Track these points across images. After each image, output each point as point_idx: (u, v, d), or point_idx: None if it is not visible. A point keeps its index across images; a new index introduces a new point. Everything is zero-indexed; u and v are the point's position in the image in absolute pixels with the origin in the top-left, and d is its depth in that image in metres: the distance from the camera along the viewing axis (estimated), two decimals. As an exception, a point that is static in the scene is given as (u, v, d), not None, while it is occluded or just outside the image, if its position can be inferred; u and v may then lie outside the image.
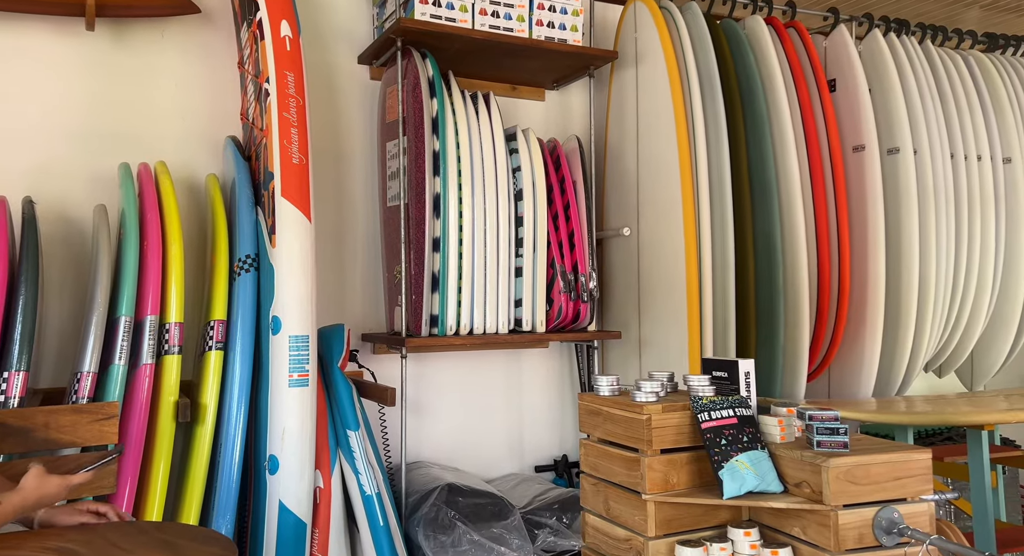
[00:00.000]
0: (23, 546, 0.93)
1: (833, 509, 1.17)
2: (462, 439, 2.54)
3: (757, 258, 2.58)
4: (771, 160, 2.56)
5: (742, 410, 1.32)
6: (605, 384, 1.42)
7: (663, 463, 1.29)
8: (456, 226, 2.23)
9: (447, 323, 2.22)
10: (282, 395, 1.80)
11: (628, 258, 2.70)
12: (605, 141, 2.78)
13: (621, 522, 1.33)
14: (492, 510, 2.11)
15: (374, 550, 1.91)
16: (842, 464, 1.18)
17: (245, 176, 1.98)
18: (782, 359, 2.56)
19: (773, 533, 1.27)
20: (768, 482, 1.25)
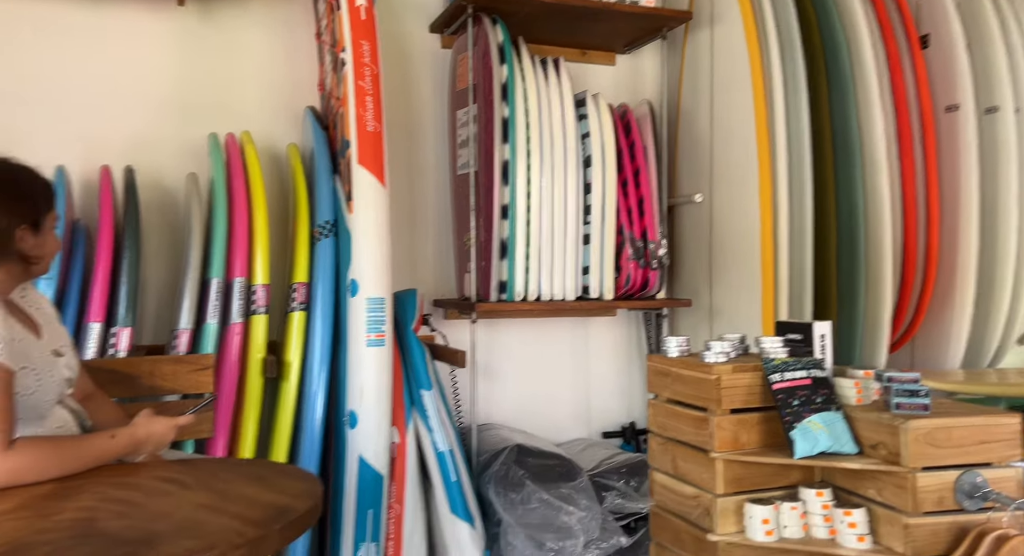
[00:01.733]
0: (137, 474, 1.03)
1: (911, 471, 1.14)
2: (530, 404, 2.59)
3: (838, 224, 2.49)
4: (855, 122, 2.44)
5: (816, 371, 1.30)
6: (674, 345, 1.43)
7: (732, 422, 1.28)
8: (524, 193, 2.25)
9: (515, 289, 2.26)
10: (360, 354, 1.89)
11: (700, 225, 2.65)
12: (678, 106, 2.72)
13: (689, 480, 1.34)
14: (560, 471, 2.15)
15: (447, 503, 1.99)
16: (922, 426, 1.15)
17: (323, 145, 2.06)
18: (862, 329, 2.47)
19: (847, 494, 1.25)
20: (842, 443, 1.23)
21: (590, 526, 2.02)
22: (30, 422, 1.09)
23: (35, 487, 0.96)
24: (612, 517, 2.09)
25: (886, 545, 1.17)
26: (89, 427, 1.22)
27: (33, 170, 1.21)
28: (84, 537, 0.79)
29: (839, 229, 2.47)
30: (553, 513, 2.03)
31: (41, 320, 1.22)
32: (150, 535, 0.79)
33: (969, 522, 1.13)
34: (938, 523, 1.13)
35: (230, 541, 0.76)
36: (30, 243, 1.15)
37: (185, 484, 0.98)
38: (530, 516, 2.01)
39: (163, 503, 0.90)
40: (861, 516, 1.19)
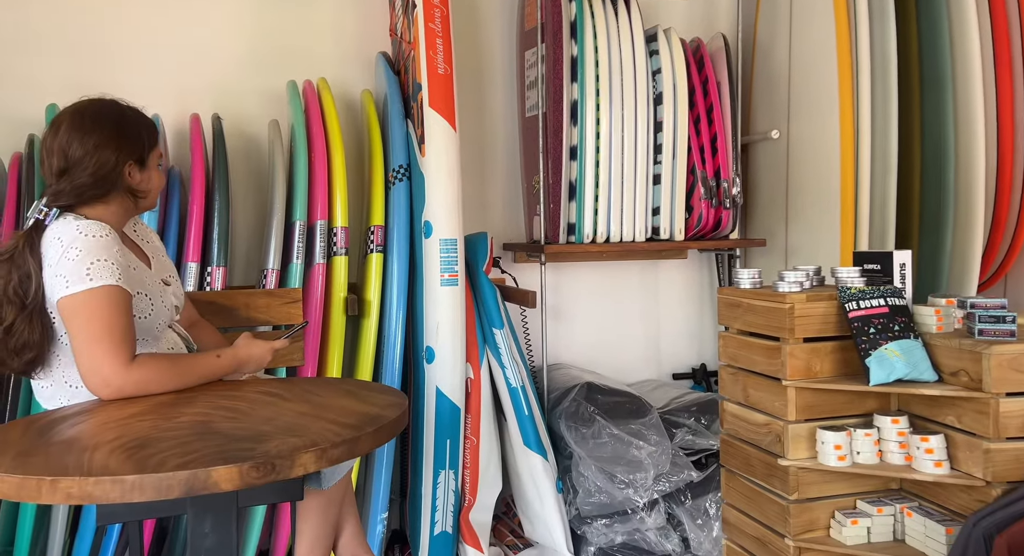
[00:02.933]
0: (241, 389, 1.14)
1: (994, 396, 1.12)
2: (600, 345, 2.63)
3: (924, 158, 2.36)
4: (946, 44, 2.28)
5: (894, 300, 1.27)
6: (746, 277, 1.42)
7: (805, 351, 1.28)
8: (593, 133, 2.24)
9: (584, 231, 2.27)
10: (435, 293, 1.96)
11: (776, 162, 2.57)
12: (754, 39, 2.61)
13: (761, 408, 1.35)
14: (630, 408, 2.19)
15: (520, 436, 2.07)
16: (1006, 351, 1.12)
17: (395, 90, 2.11)
18: (948, 267, 2.36)
19: (924, 422, 1.24)
20: (921, 371, 1.21)
21: (660, 460, 2.07)
22: (146, 343, 1.21)
23: (155, 397, 1.08)
24: (682, 452, 2.13)
25: (965, 471, 1.16)
26: (195, 350, 1.34)
27: (138, 110, 1.30)
28: (203, 435, 0.89)
29: (925, 160, 2.35)
30: (623, 447, 2.08)
31: (150, 252, 1.34)
32: (259, 434, 0.88)
33: (1056, 448, 1.10)
34: (1021, 448, 1.11)
35: (330, 440, 0.85)
36: (137, 178, 1.25)
37: (284, 397, 1.07)
38: (601, 450, 2.07)
39: (267, 411, 1.00)
40: (939, 442, 1.18)
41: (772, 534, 1.31)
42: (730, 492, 1.44)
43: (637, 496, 2.04)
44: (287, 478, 0.78)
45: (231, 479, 0.77)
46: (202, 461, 0.79)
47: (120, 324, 1.09)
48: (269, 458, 0.78)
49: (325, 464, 0.81)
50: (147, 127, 1.29)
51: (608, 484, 2.04)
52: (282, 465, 0.78)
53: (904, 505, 1.25)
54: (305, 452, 0.80)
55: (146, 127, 1.29)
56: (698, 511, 2.05)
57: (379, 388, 1.15)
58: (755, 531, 1.36)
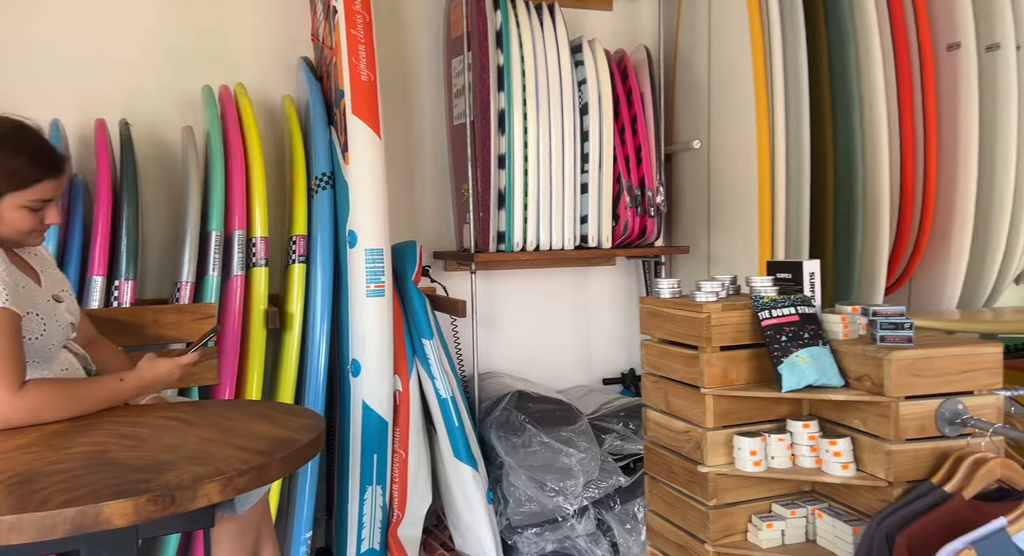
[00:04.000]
0: (144, 414, 1.08)
1: (894, 400, 1.18)
2: (532, 352, 2.64)
3: (836, 168, 2.48)
4: (853, 63, 2.41)
5: (804, 308, 1.32)
6: (666, 287, 1.45)
7: (722, 359, 1.32)
8: (521, 142, 2.25)
9: (514, 239, 2.28)
10: (361, 304, 1.92)
11: (698, 172, 2.64)
12: (675, 51, 2.69)
13: (681, 415, 1.38)
14: (560, 415, 2.21)
15: (450, 447, 2.05)
16: (905, 357, 1.18)
17: (318, 96, 2.05)
18: (858, 272, 2.49)
19: (833, 426, 1.29)
20: (829, 377, 1.26)
21: (590, 467, 2.09)
22: (38, 366, 1.13)
23: (47, 426, 1.01)
24: (611, 458, 2.16)
25: (870, 471, 1.21)
26: (93, 371, 1.26)
27: (29, 136, 1.15)
28: (96, 466, 0.83)
29: (837, 171, 2.47)
30: (554, 455, 2.09)
31: (38, 266, 1.25)
32: (159, 464, 0.83)
33: (949, 447, 1.17)
34: (919, 449, 1.17)
35: (236, 468, 0.81)
36: None
37: (191, 422, 1.02)
38: (531, 459, 2.08)
39: (171, 437, 0.95)
40: (846, 445, 1.23)
41: (693, 540, 1.34)
42: (654, 499, 1.47)
43: (567, 503, 2.05)
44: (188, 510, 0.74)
45: (125, 514, 0.73)
46: (92, 496, 0.73)
47: (7, 348, 1.01)
48: (168, 490, 0.74)
49: (231, 494, 0.78)
50: (30, 162, 1.14)
51: (538, 493, 2.05)
52: (182, 497, 0.74)
53: (816, 507, 1.31)
54: (209, 482, 0.76)
55: (29, 161, 1.14)
56: (627, 516, 2.08)
57: (296, 410, 1.11)
58: (678, 537, 1.38)
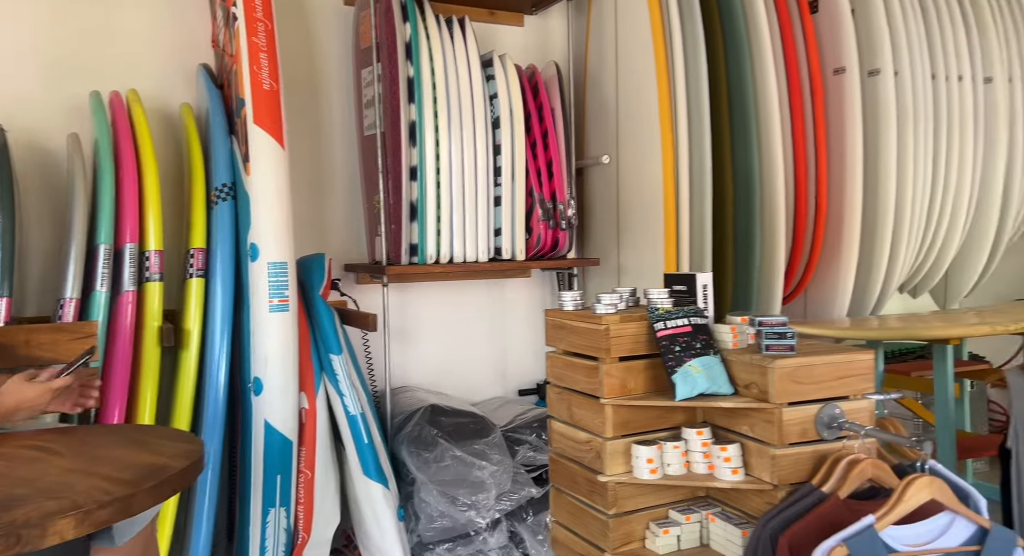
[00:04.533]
0: (4, 444, 1.00)
1: (777, 407, 1.24)
2: (447, 365, 2.62)
3: (735, 183, 2.60)
4: (750, 84, 2.54)
5: (696, 319, 1.37)
6: (569, 299, 1.48)
7: (620, 370, 1.35)
8: (433, 154, 2.24)
9: (427, 252, 2.26)
10: (263, 320, 1.86)
11: (608, 186, 2.71)
12: (585, 68, 2.76)
13: (582, 426, 1.40)
14: (474, 428, 2.20)
15: (359, 465, 2.01)
16: (787, 365, 1.24)
17: (218, 104, 1.98)
18: (758, 282, 2.61)
19: (724, 432, 1.35)
20: (719, 385, 1.32)
21: (502, 479, 2.09)
22: None
23: None
24: (524, 470, 2.17)
25: (757, 475, 1.27)
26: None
27: None
28: (-60, 506, 0.76)
29: (736, 188, 2.59)
30: (466, 469, 2.08)
31: None
32: (10, 498, 0.77)
33: (828, 450, 1.24)
34: (801, 452, 1.24)
35: (96, 500, 0.76)
36: None
37: (54, 451, 0.95)
38: (443, 473, 2.06)
39: (28, 470, 0.88)
40: (735, 451, 1.29)
41: (594, 549, 1.36)
42: (558, 510, 1.48)
43: (479, 517, 2.04)
44: (39, 548, 0.69)
45: (-35, 558, 0.67)
46: (-71, 539, 0.67)
47: None
48: (14, 528, 0.68)
49: (88, 529, 0.73)
50: None
51: (450, 508, 2.03)
52: (30, 535, 0.68)
53: (710, 512, 1.36)
54: (62, 518, 0.71)
55: None
56: (539, 526, 2.10)
57: (172, 434, 1.05)
58: (580, 548, 1.40)
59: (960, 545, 1.08)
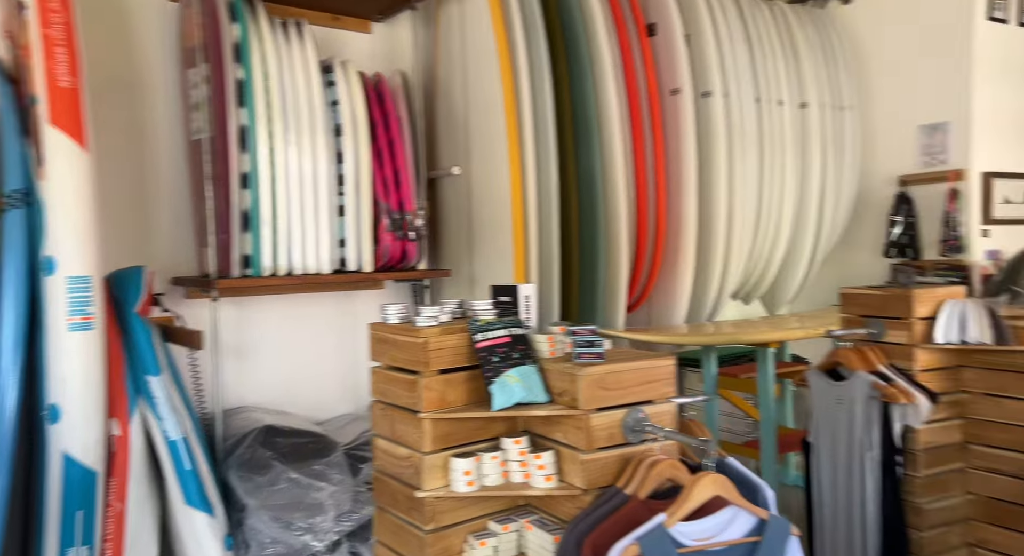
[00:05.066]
0: None
1: (586, 413, 1.27)
2: (292, 382, 2.51)
3: (580, 197, 2.69)
4: (592, 102, 2.64)
5: (516, 330, 1.39)
6: (393, 312, 1.45)
7: (440, 383, 1.34)
8: (268, 161, 2.14)
9: (262, 263, 2.15)
10: (60, 340, 1.68)
11: (459, 197, 2.72)
12: (435, 78, 2.75)
13: (403, 442, 1.37)
14: (313, 448, 2.11)
15: (181, 493, 1.86)
16: (594, 373, 1.28)
17: (9, 101, 1.78)
18: (603, 292, 2.71)
19: (542, 440, 1.37)
20: (536, 394, 1.34)
21: (342, 500, 2.02)
22: None
23: None
24: (367, 488, 2.10)
25: (569, 481, 1.30)
26: None
27: None
28: None
29: (580, 201, 2.68)
30: (302, 491, 1.99)
31: None
32: None
33: (632, 453, 1.29)
34: (608, 456, 1.28)
35: None
36: None
37: None
38: (276, 497, 1.95)
39: None
40: (549, 458, 1.31)
41: (414, 567, 1.33)
42: (381, 530, 1.44)
43: (316, 541, 1.96)
44: None
45: None
46: None
47: None
48: None
49: None
50: None
51: (284, 533, 1.93)
52: None
53: (527, 520, 1.37)
54: None
55: None
56: (381, 546, 2.04)
57: None
58: (401, 566, 1.37)
59: (743, 536, 1.16)
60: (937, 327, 1.80)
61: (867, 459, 1.76)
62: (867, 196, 3.26)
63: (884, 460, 1.76)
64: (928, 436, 1.82)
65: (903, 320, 1.83)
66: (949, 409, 1.85)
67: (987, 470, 1.83)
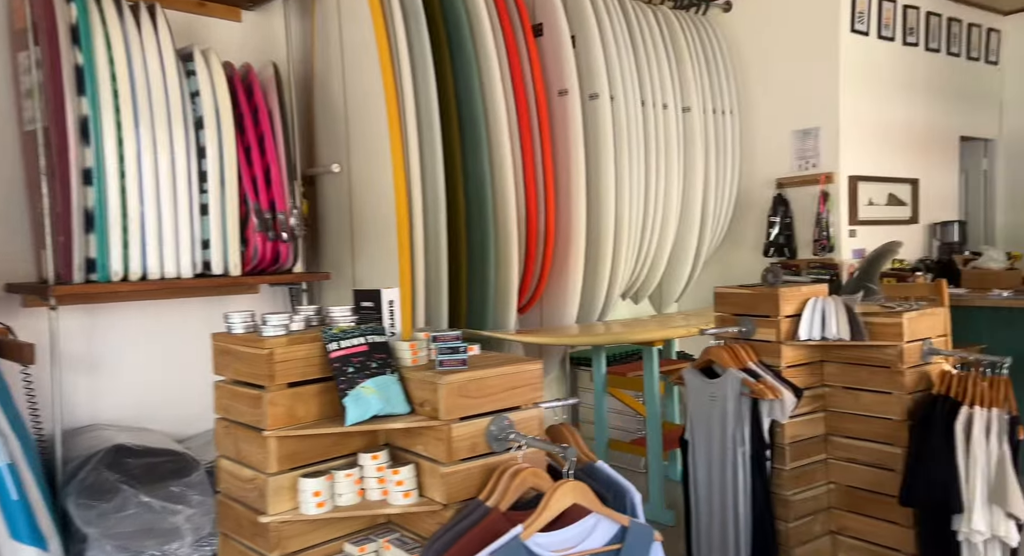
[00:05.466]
0: None
1: (447, 423, 1.20)
2: (154, 396, 2.30)
3: (468, 198, 2.63)
4: (479, 101, 2.58)
5: (374, 337, 1.30)
6: (238, 321, 1.32)
7: (288, 397, 1.23)
8: (115, 155, 1.95)
9: (110, 268, 1.95)
10: None
11: (340, 196, 2.59)
12: (313, 70, 2.61)
13: (248, 462, 1.26)
14: (171, 468, 1.93)
15: (6, 527, 1.65)
16: (455, 380, 1.22)
17: None
18: (494, 294, 2.66)
19: (403, 453, 1.29)
20: (395, 405, 1.26)
21: (201, 523, 1.86)
22: None
23: None
24: (233, 508, 1.95)
25: (429, 496, 1.23)
26: None
27: None
28: None
29: (468, 202, 2.62)
30: (155, 516, 1.81)
31: None
32: None
33: (497, 462, 1.23)
34: (471, 467, 1.22)
35: None
36: None
37: None
38: (124, 524, 1.77)
39: None
40: (408, 473, 1.23)
41: (260, 598, 1.22)
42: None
43: (170, 569, 1.79)
44: None
45: None
46: None
47: None
48: None
49: None
50: None
51: (132, 564, 1.75)
52: None
53: (386, 539, 1.29)
54: None
55: None
56: (246, 571, 1.89)
57: None
58: (247, 598, 1.25)
59: (604, 545, 1.13)
60: (801, 324, 1.85)
61: (739, 455, 1.80)
62: (748, 197, 3.38)
63: (754, 455, 1.80)
64: (794, 430, 1.87)
65: (771, 318, 1.88)
66: (813, 402, 1.92)
67: (846, 460, 1.90)
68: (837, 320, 1.79)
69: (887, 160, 3.27)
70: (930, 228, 3.48)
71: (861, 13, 3.10)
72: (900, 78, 3.32)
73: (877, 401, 1.83)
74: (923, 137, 3.45)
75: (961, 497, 1.69)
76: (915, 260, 3.36)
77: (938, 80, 3.50)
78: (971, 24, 3.65)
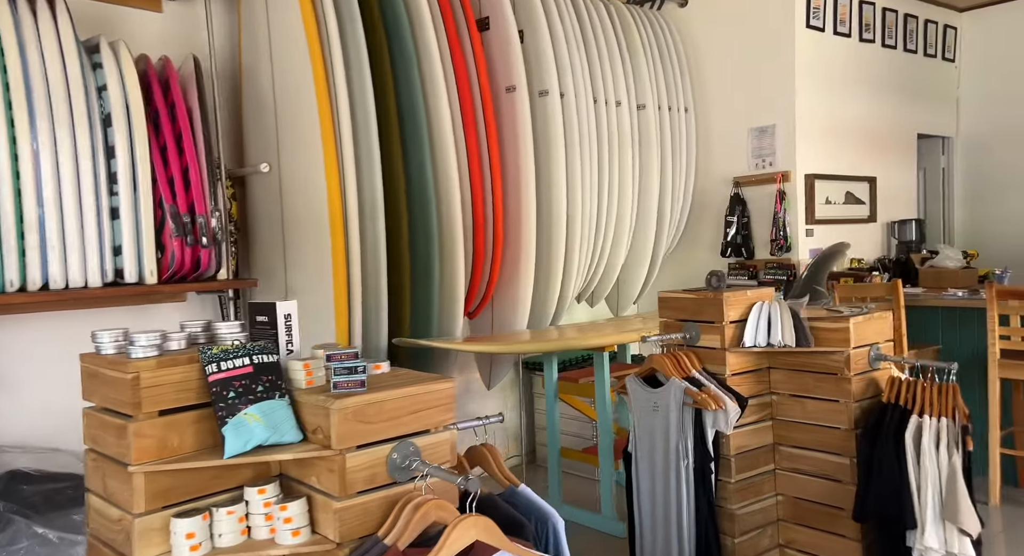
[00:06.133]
0: None
1: (340, 453, 1.08)
2: (67, 414, 2.12)
3: (410, 198, 2.48)
4: (420, 97, 2.44)
5: (262, 357, 1.17)
6: (108, 340, 1.18)
7: (159, 427, 1.09)
8: (7, 154, 1.79)
9: (5, 277, 1.79)
10: None
11: (271, 197, 2.44)
12: (240, 65, 2.46)
13: (115, 501, 1.12)
14: (72, 495, 1.78)
15: None
16: (350, 405, 1.09)
17: None
18: (438, 300, 2.52)
19: (297, 485, 1.16)
20: (283, 433, 1.13)
21: (104, 555, 1.70)
22: None
23: None
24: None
25: (322, 534, 1.10)
26: None
27: None
28: None
29: (410, 203, 2.48)
30: (51, 550, 1.66)
31: None
32: None
33: (400, 494, 1.11)
34: (369, 501, 1.09)
35: None
36: None
37: None
38: (13, 560, 1.61)
39: None
40: (298, 508, 1.10)
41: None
42: (97, 607, 1.17)
43: (67, 609, 1.63)
44: None
45: None
46: None
47: None
48: None
49: None
50: None
51: (20, 605, 1.59)
52: None
53: (275, 582, 1.16)
54: None
55: None
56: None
57: None
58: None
59: (510, 588, 1.01)
60: (747, 330, 1.75)
61: (683, 468, 1.69)
62: (705, 197, 3.29)
63: (698, 468, 1.69)
64: (740, 440, 1.77)
65: (716, 324, 1.78)
66: (761, 411, 1.82)
67: (793, 471, 1.81)
68: (783, 325, 1.69)
69: (844, 158, 3.19)
70: (888, 227, 3.42)
71: (816, 9, 3.02)
72: (856, 75, 3.25)
73: (824, 409, 1.74)
74: (880, 134, 3.38)
75: (915, 512, 1.60)
76: (873, 259, 3.29)
77: (895, 77, 3.44)
78: (928, 20, 3.60)
